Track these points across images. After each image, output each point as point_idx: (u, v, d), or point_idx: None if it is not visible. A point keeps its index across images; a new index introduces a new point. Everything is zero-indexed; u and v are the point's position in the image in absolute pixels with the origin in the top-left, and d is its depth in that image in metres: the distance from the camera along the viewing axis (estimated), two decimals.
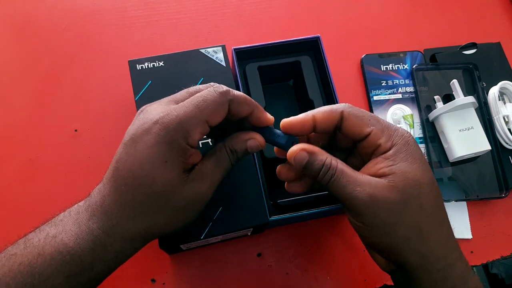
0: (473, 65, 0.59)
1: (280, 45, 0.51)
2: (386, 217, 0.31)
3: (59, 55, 0.59)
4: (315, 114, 0.35)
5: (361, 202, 0.32)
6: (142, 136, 0.31)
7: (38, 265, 0.30)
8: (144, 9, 0.63)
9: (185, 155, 0.32)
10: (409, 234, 0.32)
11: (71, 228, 0.31)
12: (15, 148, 0.53)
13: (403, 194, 0.31)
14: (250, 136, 0.35)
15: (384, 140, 0.33)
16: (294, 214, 0.44)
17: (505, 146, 0.56)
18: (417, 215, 0.32)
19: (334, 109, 0.35)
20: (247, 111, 0.34)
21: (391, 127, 0.34)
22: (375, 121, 0.34)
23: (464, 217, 0.53)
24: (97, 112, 0.55)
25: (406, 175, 0.32)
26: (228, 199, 0.42)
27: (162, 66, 0.47)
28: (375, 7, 0.66)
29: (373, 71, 0.60)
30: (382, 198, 0.31)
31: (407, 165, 0.32)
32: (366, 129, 0.34)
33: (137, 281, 0.47)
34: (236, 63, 0.49)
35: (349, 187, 0.32)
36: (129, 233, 0.31)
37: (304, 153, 0.33)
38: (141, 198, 0.31)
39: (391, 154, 0.33)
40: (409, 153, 0.32)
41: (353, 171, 0.33)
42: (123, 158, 0.32)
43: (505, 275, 0.49)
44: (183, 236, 0.41)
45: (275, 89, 0.54)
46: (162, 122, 0.31)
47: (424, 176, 0.32)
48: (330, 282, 0.49)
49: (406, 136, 0.33)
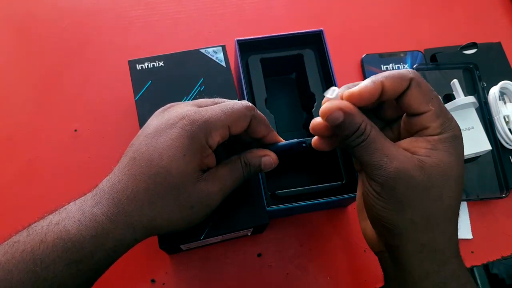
0: (473, 65, 0.59)
1: (283, 38, 0.51)
2: (403, 195, 0.31)
3: (59, 54, 0.59)
4: (383, 80, 0.31)
5: (384, 173, 0.31)
6: (167, 129, 0.33)
7: (40, 252, 0.30)
8: (144, 8, 0.63)
9: (203, 154, 0.33)
10: (417, 219, 0.31)
11: (75, 215, 0.32)
12: (15, 148, 0.53)
13: (429, 179, 0.31)
14: (265, 153, 0.37)
15: (435, 125, 0.32)
16: (292, 205, 0.44)
17: (505, 146, 0.56)
18: (433, 204, 0.31)
19: (404, 75, 0.31)
20: (264, 131, 0.37)
21: (447, 115, 0.32)
22: (436, 102, 0.32)
23: (465, 217, 0.53)
24: (97, 112, 0.55)
25: (439, 163, 0.31)
26: (228, 199, 0.42)
27: (162, 66, 0.47)
28: (375, 7, 0.66)
29: (373, 71, 0.60)
30: (407, 175, 0.30)
31: (446, 154, 0.31)
32: (425, 107, 0.32)
33: (137, 282, 0.47)
34: (239, 55, 0.49)
35: (376, 154, 0.31)
36: (132, 221, 0.32)
37: (340, 112, 0.31)
38: (153, 187, 0.32)
39: (435, 139, 0.32)
40: (452, 146, 0.31)
41: (386, 140, 0.32)
42: (143, 148, 0.33)
43: (506, 275, 0.49)
44: (183, 236, 0.41)
45: (277, 82, 0.54)
46: (189, 118, 0.33)
47: (456, 171, 0.31)
48: (330, 282, 0.49)
49: (456, 130, 0.32)
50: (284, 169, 0.49)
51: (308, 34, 0.52)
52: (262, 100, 0.48)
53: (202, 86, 0.47)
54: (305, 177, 0.50)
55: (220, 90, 0.47)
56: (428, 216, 0.31)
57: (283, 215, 0.50)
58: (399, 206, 0.31)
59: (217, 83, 0.47)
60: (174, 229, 0.34)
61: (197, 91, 0.46)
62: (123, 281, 0.47)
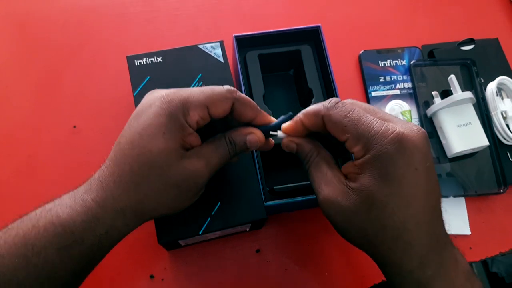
0: (471, 61, 0.59)
1: (281, 34, 0.51)
2: (337, 220, 0.33)
3: (58, 51, 0.59)
4: (302, 118, 0.36)
5: (318, 200, 0.34)
6: (146, 110, 0.33)
7: (32, 236, 0.30)
8: (143, 5, 0.63)
9: (183, 132, 0.33)
10: (358, 239, 0.33)
11: (67, 202, 0.32)
12: (14, 145, 0.53)
13: (354, 204, 0.32)
14: (250, 131, 0.37)
15: (357, 149, 0.32)
16: (290, 200, 0.44)
17: (503, 142, 0.56)
18: (365, 225, 0.32)
19: (316, 112, 0.34)
20: (251, 114, 0.36)
21: (370, 132, 0.31)
22: (352, 126, 0.32)
23: (463, 213, 0.53)
24: (96, 108, 0.55)
25: (362, 188, 0.31)
26: (226, 195, 0.42)
27: (160, 62, 0.47)
28: (373, 3, 0.66)
29: (371, 67, 0.60)
30: (334, 201, 0.33)
31: (370, 178, 0.31)
32: (342, 137, 0.33)
33: (135, 277, 0.47)
34: (237, 50, 0.49)
35: (316, 183, 0.35)
36: (121, 204, 0.32)
37: (293, 144, 0.37)
38: (137, 169, 0.32)
39: (359, 163, 0.32)
40: (378, 166, 0.31)
41: (327, 167, 0.35)
42: (126, 131, 0.33)
43: (505, 274, 0.49)
44: (182, 231, 0.41)
45: (275, 78, 0.55)
46: (167, 97, 0.33)
47: (382, 191, 0.30)
48: (329, 278, 0.49)
49: (384, 144, 0.30)
50: (282, 164, 0.49)
51: (306, 30, 0.52)
52: (260, 96, 0.48)
53: (200, 82, 0.47)
54: (304, 173, 0.50)
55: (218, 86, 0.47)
56: (367, 235, 0.32)
57: (282, 210, 0.50)
58: (339, 229, 0.34)
59: (215, 79, 0.47)
60: (166, 212, 0.34)
61: (195, 87, 0.46)
62: (121, 276, 0.47)
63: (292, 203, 0.45)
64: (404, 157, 0.30)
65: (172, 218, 0.41)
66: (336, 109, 0.33)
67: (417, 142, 0.31)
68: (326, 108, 0.33)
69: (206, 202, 0.41)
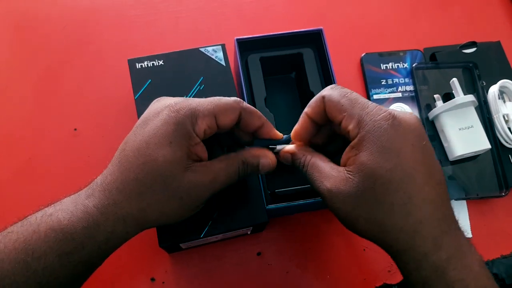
0: (473, 64, 0.59)
1: (283, 37, 0.51)
2: (343, 210, 0.32)
3: (59, 53, 0.59)
4: (306, 110, 0.36)
5: (322, 195, 0.34)
6: (153, 118, 0.33)
7: (32, 242, 0.30)
8: (144, 7, 0.63)
9: (190, 141, 0.33)
10: (368, 226, 0.32)
11: (68, 207, 0.32)
12: (15, 147, 0.53)
13: (357, 187, 0.31)
14: (263, 153, 0.37)
15: (352, 126, 0.32)
16: (291, 203, 0.44)
17: (505, 145, 0.56)
18: (373, 208, 0.31)
19: (319, 96, 0.35)
20: (257, 123, 0.37)
21: (365, 110, 0.31)
22: (349, 104, 0.32)
23: (464, 216, 0.53)
24: (97, 111, 0.55)
25: (362, 167, 0.30)
26: (227, 198, 0.42)
27: (161, 65, 0.47)
28: (375, 5, 0.66)
29: (373, 70, 0.60)
30: (336, 191, 0.32)
31: (367, 155, 0.30)
32: (339, 116, 0.33)
33: (136, 280, 0.47)
34: (239, 54, 0.49)
35: (316, 181, 0.34)
36: (122, 212, 0.32)
37: (288, 154, 0.38)
38: (142, 177, 0.32)
39: (355, 142, 0.31)
40: (373, 141, 0.30)
41: (325, 164, 0.34)
42: (131, 138, 0.33)
43: (506, 275, 0.49)
44: (183, 235, 0.41)
45: (277, 81, 0.54)
46: (175, 106, 0.33)
47: (382, 166, 0.30)
48: (330, 281, 0.49)
49: (377, 120, 0.31)
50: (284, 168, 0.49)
51: (307, 33, 0.52)
52: (261, 99, 0.48)
53: (202, 85, 0.47)
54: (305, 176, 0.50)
55: (220, 89, 0.47)
56: (376, 220, 0.31)
57: (283, 213, 0.50)
58: (347, 220, 0.33)
59: (216, 82, 0.47)
60: (166, 222, 0.34)
61: (196, 90, 0.46)
62: (122, 279, 0.47)
63: (293, 206, 0.45)
64: (398, 133, 0.30)
65: None
66: (336, 90, 0.34)
67: (411, 122, 0.31)
68: (326, 89, 0.35)
69: (208, 205, 0.41)
